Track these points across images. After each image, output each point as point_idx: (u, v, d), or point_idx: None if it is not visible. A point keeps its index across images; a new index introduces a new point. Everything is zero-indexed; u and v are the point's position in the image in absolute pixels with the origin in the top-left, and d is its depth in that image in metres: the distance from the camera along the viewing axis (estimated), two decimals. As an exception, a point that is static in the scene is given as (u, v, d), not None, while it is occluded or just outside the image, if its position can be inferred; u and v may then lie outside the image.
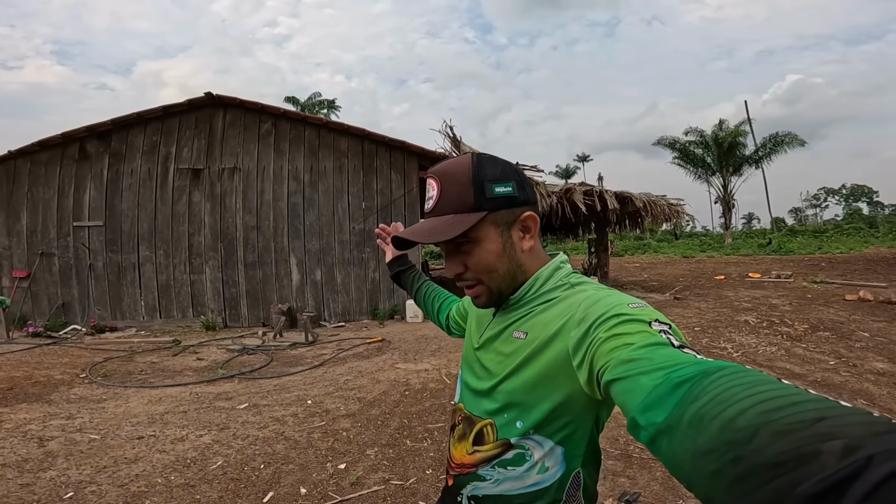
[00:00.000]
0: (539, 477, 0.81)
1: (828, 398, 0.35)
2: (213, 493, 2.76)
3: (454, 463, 0.92)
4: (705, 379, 0.43)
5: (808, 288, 11.85)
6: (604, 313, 0.65)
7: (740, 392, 0.38)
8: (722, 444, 0.35)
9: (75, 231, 8.51)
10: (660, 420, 0.44)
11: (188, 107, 8.66)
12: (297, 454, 3.30)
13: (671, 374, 0.47)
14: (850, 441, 0.28)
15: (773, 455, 0.31)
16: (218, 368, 5.63)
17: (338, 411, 4.17)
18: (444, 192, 0.80)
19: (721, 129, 28.38)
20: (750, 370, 0.42)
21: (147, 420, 3.94)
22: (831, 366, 5.30)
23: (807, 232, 31.11)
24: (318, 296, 8.83)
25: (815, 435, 0.30)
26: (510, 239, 0.82)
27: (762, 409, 0.35)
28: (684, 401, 0.42)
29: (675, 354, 0.51)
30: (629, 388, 0.51)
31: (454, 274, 0.85)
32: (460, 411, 0.94)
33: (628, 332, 0.59)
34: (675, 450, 0.41)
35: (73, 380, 5.23)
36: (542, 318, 0.80)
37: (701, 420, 0.39)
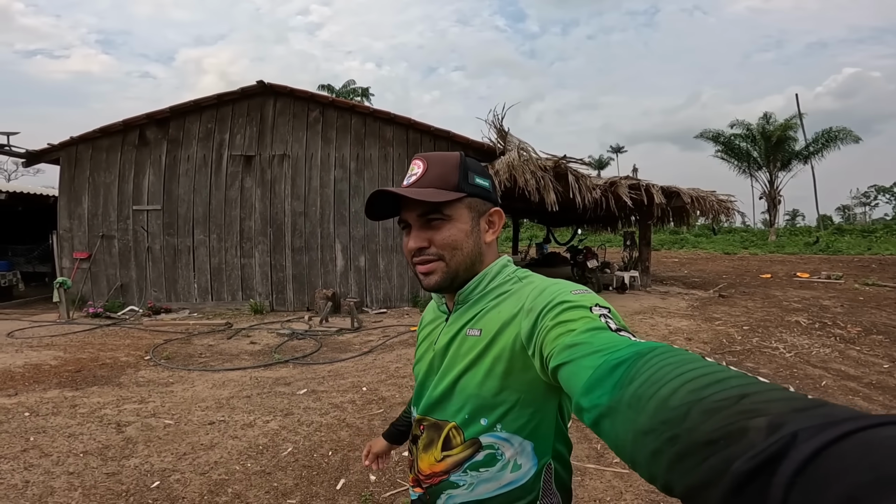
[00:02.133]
0: (513, 475, 0.83)
1: (746, 374, 0.37)
2: (289, 480, 2.86)
3: (423, 475, 0.92)
4: (639, 360, 0.45)
5: (860, 290, 11.43)
6: (549, 302, 0.70)
7: (671, 371, 0.40)
8: (659, 424, 0.37)
9: (135, 214, 8.85)
10: (602, 402, 0.45)
11: (241, 95, 8.84)
12: (361, 441, 3.38)
13: (609, 356, 0.49)
14: (773, 418, 0.30)
15: (705, 433, 0.32)
16: (273, 353, 5.80)
17: (393, 399, 4.26)
18: (429, 171, 0.85)
19: (768, 123, 27.21)
20: (678, 350, 0.45)
21: (215, 405, 4.10)
22: (885, 369, 5.18)
23: (855, 231, 29.71)
24: (362, 282, 8.98)
25: (741, 412, 0.32)
26: (478, 226, 0.88)
27: (691, 387, 0.37)
28: (622, 382, 0.44)
29: (613, 338, 0.54)
30: (572, 372, 0.53)
31: (417, 247, 0.85)
32: (421, 421, 0.94)
33: (571, 319, 0.63)
34: (617, 431, 0.42)
35: (138, 362, 5.47)
36: (494, 313, 0.83)
37: (639, 400, 0.40)
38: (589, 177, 9.61)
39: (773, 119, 27.27)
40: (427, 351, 0.96)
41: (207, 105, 8.84)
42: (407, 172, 0.89)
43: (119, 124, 8.75)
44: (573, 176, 8.97)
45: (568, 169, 8.92)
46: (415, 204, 0.84)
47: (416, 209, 0.85)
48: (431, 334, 0.97)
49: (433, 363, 0.92)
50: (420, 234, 0.86)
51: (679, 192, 10.42)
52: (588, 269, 10.89)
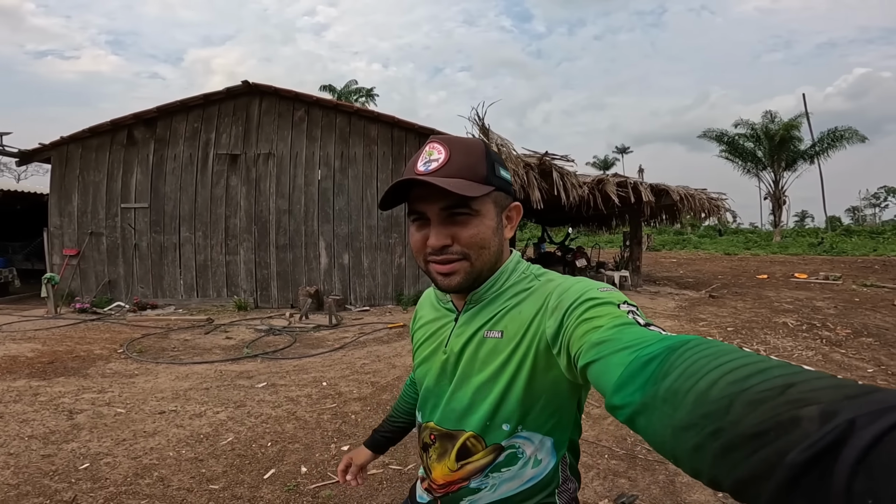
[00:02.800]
0: (534, 471, 0.81)
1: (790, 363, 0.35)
2: (219, 467, 2.91)
3: (437, 484, 0.88)
4: (672, 354, 0.43)
5: (857, 291, 11.26)
6: (576, 300, 0.67)
7: (707, 363, 0.39)
8: (699, 418, 0.35)
9: (123, 212, 8.99)
10: (636, 400, 0.44)
11: (227, 94, 8.94)
12: (304, 434, 3.42)
13: (640, 352, 0.47)
14: (826, 406, 0.28)
15: (752, 425, 0.31)
16: (244, 348, 5.87)
17: (350, 394, 4.29)
18: (452, 158, 0.76)
19: (772, 122, 26.89)
20: (712, 341, 0.43)
21: (171, 395, 4.16)
22: (869, 374, 5.06)
23: (863, 232, 29.27)
24: (345, 280, 9.03)
25: (789, 402, 0.30)
26: (501, 222, 0.82)
27: (731, 378, 0.35)
28: (655, 377, 0.43)
29: (643, 333, 0.52)
30: (602, 370, 0.52)
31: (441, 245, 0.77)
32: (433, 430, 0.89)
33: (598, 316, 0.61)
34: (654, 427, 0.41)
35: (110, 355, 5.57)
36: (515, 314, 0.79)
37: (675, 395, 0.39)
38: (575, 174, 9.58)
39: (777, 118, 26.94)
40: (435, 353, 0.90)
41: (194, 105, 8.95)
42: (421, 157, 0.78)
43: (107, 124, 8.89)
44: (558, 173, 8.95)
45: (552, 166, 8.90)
46: (436, 195, 0.75)
47: (438, 201, 0.76)
48: (437, 334, 0.90)
49: (446, 368, 0.86)
50: (442, 229, 0.77)
51: (668, 189, 10.35)
52: (577, 268, 10.85)
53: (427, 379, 0.91)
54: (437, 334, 0.91)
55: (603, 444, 3.26)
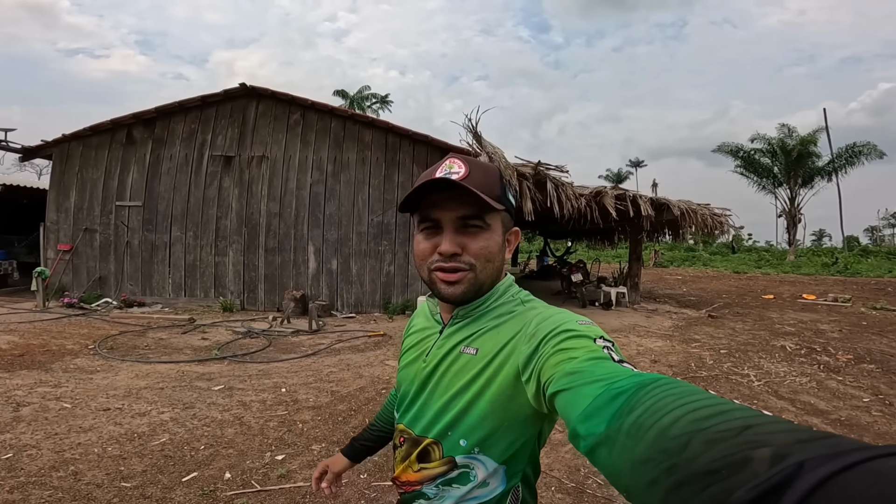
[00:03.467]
0: (479, 492, 0.83)
1: (750, 407, 0.36)
2: (140, 466, 2.85)
3: (399, 481, 0.92)
4: (641, 390, 0.44)
5: (866, 314, 10.87)
6: (553, 329, 0.68)
7: (673, 402, 0.40)
8: (657, 453, 0.36)
9: (117, 210, 9.09)
10: (599, 430, 0.44)
11: (224, 97, 9.02)
12: (243, 440, 3.33)
13: (610, 385, 0.48)
14: (777, 448, 0.29)
15: (705, 463, 0.32)
16: (214, 350, 5.82)
17: (306, 402, 4.20)
18: (472, 175, 0.79)
19: (789, 136, 26.34)
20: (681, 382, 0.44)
21: (123, 393, 4.12)
22: (864, 403, 4.78)
23: (881, 253, 28.44)
24: (333, 285, 8.98)
25: (745, 442, 0.31)
26: (504, 241, 0.86)
27: (693, 417, 0.36)
28: (622, 411, 0.43)
29: (616, 368, 0.53)
30: (571, 399, 0.53)
31: (451, 252, 0.79)
32: (403, 432, 0.92)
33: (574, 347, 0.62)
34: (613, 460, 0.42)
35: (80, 350, 5.57)
36: (493, 335, 0.81)
37: (638, 430, 0.40)
38: (571, 185, 9.43)
39: (794, 132, 26.37)
40: (416, 360, 0.93)
41: (192, 106, 9.05)
42: (441, 168, 0.81)
43: (108, 123, 9.04)
44: (552, 184, 8.80)
45: (547, 176, 8.76)
46: (455, 204, 0.79)
47: (456, 210, 0.79)
48: (422, 343, 0.94)
49: (423, 376, 0.89)
50: (455, 237, 0.80)
51: (668, 203, 10.13)
52: (573, 283, 10.65)
53: (406, 384, 0.94)
54: (422, 343, 0.94)
55: (553, 475, 3.10)
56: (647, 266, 24.93)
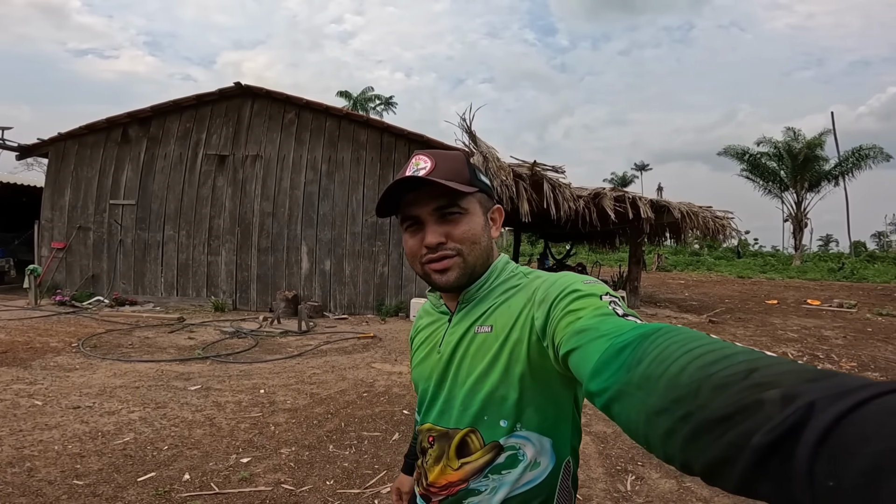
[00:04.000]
0: (532, 474, 0.80)
1: (753, 349, 0.37)
2: (96, 465, 2.79)
3: (436, 487, 0.87)
4: (645, 341, 0.45)
5: (871, 320, 10.66)
6: (560, 292, 0.69)
7: (677, 349, 0.40)
8: (670, 403, 0.36)
9: (111, 208, 9.08)
10: (611, 385, 0.45)
11: (220, 96, 9.00)
12: (209, 441, 3.24)
13: (615, 339, 0.49)
14: (786, 390, 0.29)
15: (718, 409, 0.32)
16: (197, 350, 5.74)
17: (283, 404, 4.10)
18: (438, 167, 0.81)
19: (795, 140, 26.03)
20: (681, 328, 0.45)
21: (97, 392, 4.06)
22: None
23: (888, 258, 28.06)
24: (326, 286, 8.90)
25: (752, 386, 0.31)
26: (487, 221, 0.87)
27: (699, 363, 0.37)
28: (628, 364, 0.44)
29: (619, 322, 0.54)
30: (580, 358, 0.53)
31: (437, 242, 0.81)
32: (430, 431, 0.89)
33: (581, 308, 0.63)
34: (628, 413, 0.42)
35: (64, 348, 5.52)
36: (504, 309, 0.82)
37: (648, 380, 0.40)
38: (569, 186, 9.30)
39: (800, 136, 26.06)
40: (430, 354, 0.92)
41: (187, 105, 9.03)
42: (409, 167, 0.83)
43: (104, 122, 9.04)
44: (549, 185, 8.68)
45: (543, 177, 8.64)
46: (427, 198, 0.81)
47: (429, 203, 0.81)
48: (433, 337, 0.93)
49: (440, 368, 0.88)
50: (437, 228, 0.82)
51: (668, 206, 9.97)
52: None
53: (423, 381, 0.92)
54: (432, 337, 0.93)
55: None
56: (651, 270, 24.70)
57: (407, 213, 0.83)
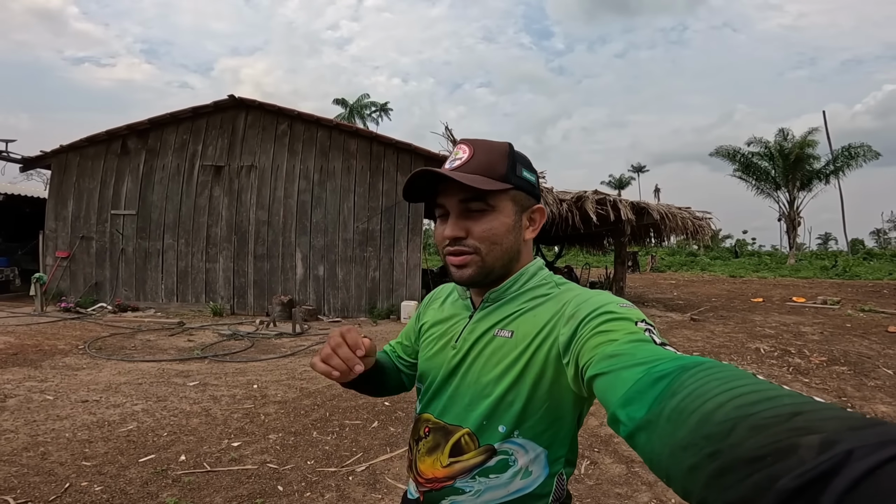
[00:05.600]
0: (522, 482, 0.79)
1: (802, 394, 0.35)
2: (103, 449, 3.14)
3: (423, 478, 0.87)
4: (684, 373, 0.44)
5: (852, 316, 10.86)
6: (593, 311, 0.66)
7: (718, 387, 0.39)
8: (700, 439, 0.35)
9: (112, 218, 9.47)
10: (640, 415, 0.44)
11: (215, 108, 9.40)
12: (205, 429, 3.60)
13: (651, 368, 0.48)
14: (827, 436, 0.28)
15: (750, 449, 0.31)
16: (196, 350, 6.11)
17: (274, 397, 4.46)
18: (475, 157, 0.80)
19: (786, 140, 26.43)
20: (727, 365, 0.43)
21: (103, 388, 4.42)
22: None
23: (885, 256, 28.32)
24: (320, 290, 9.27)
25: (792, 429, 0.30)
26: (520, 222, 0.83)
27: (739, 402, 0.35)
28: (663, 395, 0.43)
29: (657, 351, 0.52)
30: (610, 383, 0.52)
31: (454, 236, 0.80)
32: (427, 422, 0.89)
33: (614, 330, 0.61)
34: (653, 444, 0.41)
35: (71, 350, 5.89)
36: (530, 316, 0.80)
37: (680, 414, 0.39)
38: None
39: (790, 136, 26.46)
40: (444, 348, 0.89)
41: (184, 117, 9.43)
42: (450, 157, 0.83)
43: (103, 134, 9.43)
44: (531, 191, 9.05)
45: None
46: (456, 188, 0.79)
47: (456, 194, 0.80)
48: (450, 330, 0.91)
49: (453, 363, 0.86)
50: (458, 222, 0.80)
51: (648, 207, 10.34)
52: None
53: (433, 372, 0.90)
54: (449, 330, 0.91)
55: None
56: (645, 270, 25.04)
57: (438, 200, 0.83)
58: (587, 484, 3.05)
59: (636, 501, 2.99)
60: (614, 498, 2.92)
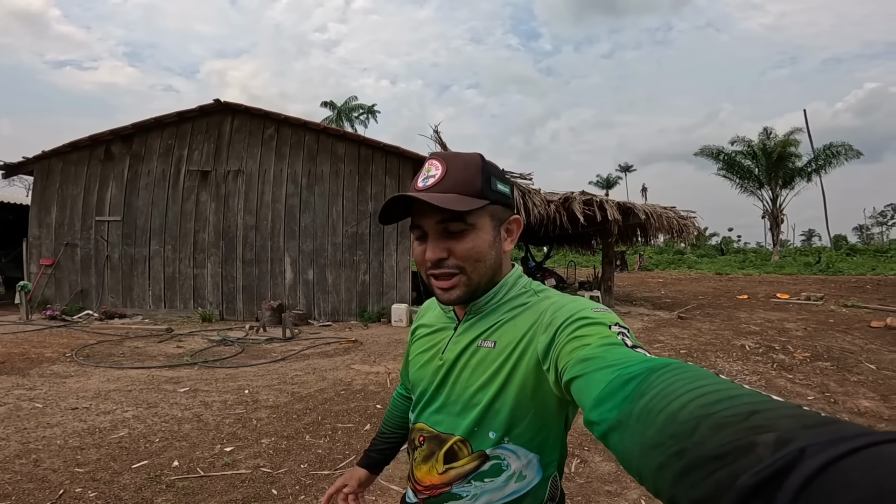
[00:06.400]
0: (517, 485, 0.82)
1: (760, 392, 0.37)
2: (95, 455, 3.14)
3: (421, 485, 0.89)
4: (652, 374, 0.45)
5: (835, 312, 11.02)
6: (568, 317, 0.68)
7: (682, 387, 0.40)
8: (666, 438, 0.37)
9: (97, 225, 9.37)
10: (612, 416, 0.45)
11: (200, 112, 9.35)
12: (197, 434, 3.59)
13: (622, 371, 0.49)
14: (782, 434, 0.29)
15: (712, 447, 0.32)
16: (186, 356, 6.08)
17: (265, 402, 4.45)
18: (449, 174, 0.79)
19: (768, 138, 26.91)
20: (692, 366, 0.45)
21: (92, 395, 4.39)
22: (809, 401, 4.82)
23: (868, 251, 28.89)
24: (310, 295, 9.26)
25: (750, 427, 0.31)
26: (499, 235, 0.84)
27: (702, 402, 0.37)
28: (633, 396, 0.44)
29: (628, 353, 0.54)
30: (584, 385, 0.54)
31: (436, 258, 0.80)
32: (422, 431, 0.91)
33: (588, 335, 0.63)
34: (625, 444, 0.43)
35: (59, 358, 5.83)
36: (510, 327, 0.81)
37: (648, 414, 0.40)
38: (539, 191, 9.77)
39: (773, 135, 26.94)
40: (432, 360, 0.92)
41: (168, 122, 9.38)
42: (421, 173, 0.82)
43: (87, 139, 9.33)
44: (519, 191, 9.15)
45: (514, 185, 9.10)
46: (433, 209, 0.78)
47: (433, 216, 0.79)
48: (436, 342, 0.93)
49: (440, 374, 0.88)
50: (438, 243, 0.80)
51: (634, 207, 10.47)
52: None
53: (423, 383, 0.92)
54: (435, 342, 0.93)
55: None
56: (633, 269, 25.29)
57: (413, 221, 0.82)
58: (577, 482, 3.10)
59: (626, 499, 3.04)
60: (604, 496, 2.97)
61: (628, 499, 3.00)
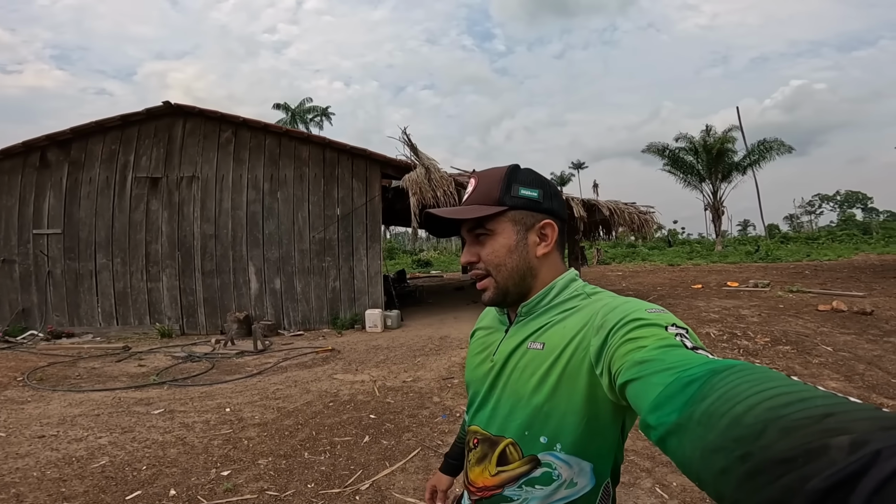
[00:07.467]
0: (567, 492, 0.81)
1: (836, 395, 0.35)
2: (81, 487, 2.84)
3: (474, 487, 0.90)
4: (714, 377, 0.44)
5: (783, 297, 11.58)
6: (621, 319, 0.67)
7: (748, 389, 0.39)
8: (730, 441, 0.35)
9: (35, 238, 8.58)
10: (670, 420, 0.44)
11: (147, 115, 8.75)
12: (186, 459, 3.30)
13: (682, 373, 0.48)
14: (857, 436, 0.28)
15: (781, 451, 0.31)
16: (152, 375, 5.63)
17: (252, 420, 4.16)
18: (478, 187, 0.86)
19: (709, 135, 28.43)
20: (759, 367, 0.43)
21: (57, 421, 3.99)
22: None
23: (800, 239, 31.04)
24: (278, 304, 8.85)
25: (823, 430, 0.30)
26: (525, 240, 0.85)
27: (770, 405, 0.35)
28: (693, 399, 0.43)
29: (688, 355, 0.52)
30: (641, 389, 0.52)
31: (467, 261, 0.87)
32: (476, 433, 0.92)
33: (643, 336, 0.60)
34: (684, 448, 0.41)
35: (9, 382, 5.30)
36: (560, 328, 0.81)
37: (710, 417, 0.39)
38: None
39: (713, 132, 28.47)
40: (485, 361, 0.93)
41: (112, 126, 8.71)
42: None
43: (20, 146, 8.55)
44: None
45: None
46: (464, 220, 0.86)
47: (465, 225, 0.86)
48: (489, 344, 0.95)
49: (491, 375, 0.90)
50: (470, 248, 0.87)
51: (598, 204, 10.71)
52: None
53: (475, 384, 0.94)
54: (488, 343, 0.95)
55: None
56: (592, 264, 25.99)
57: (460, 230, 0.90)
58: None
59: (640, 488, 3.04)
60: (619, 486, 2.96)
61: (643, 487, 3.02)
